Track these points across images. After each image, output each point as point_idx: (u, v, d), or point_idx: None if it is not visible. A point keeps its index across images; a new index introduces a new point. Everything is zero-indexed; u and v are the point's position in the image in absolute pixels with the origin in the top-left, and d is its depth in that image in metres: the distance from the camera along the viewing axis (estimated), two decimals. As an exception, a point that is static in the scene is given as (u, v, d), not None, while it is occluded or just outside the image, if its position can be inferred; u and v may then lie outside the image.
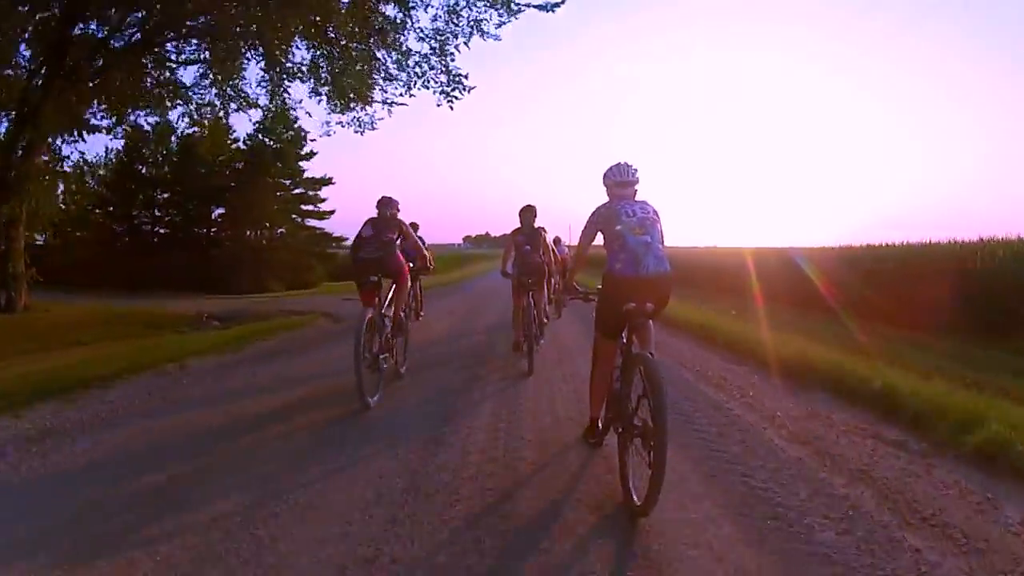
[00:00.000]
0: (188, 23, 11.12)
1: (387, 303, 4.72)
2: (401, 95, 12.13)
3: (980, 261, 10.06)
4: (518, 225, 6.26)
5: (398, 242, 4.69)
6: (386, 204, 4.70)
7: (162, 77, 12.55)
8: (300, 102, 14.86)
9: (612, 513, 2.61)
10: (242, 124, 45.74)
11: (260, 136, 32.48)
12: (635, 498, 2.60)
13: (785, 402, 4.35)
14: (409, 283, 5.05)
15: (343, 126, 12.83)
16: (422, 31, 11.62)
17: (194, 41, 11.79)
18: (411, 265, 5.22)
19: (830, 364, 5.01)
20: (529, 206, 6.22)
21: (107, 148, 32.21)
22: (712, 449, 3.38)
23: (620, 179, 3.12)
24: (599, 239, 3.14)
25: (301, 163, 35.06)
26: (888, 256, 12.70)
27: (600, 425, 3.22)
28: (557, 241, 10.57)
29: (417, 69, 11.69)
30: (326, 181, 36.00)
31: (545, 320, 7.34)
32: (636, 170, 3.14)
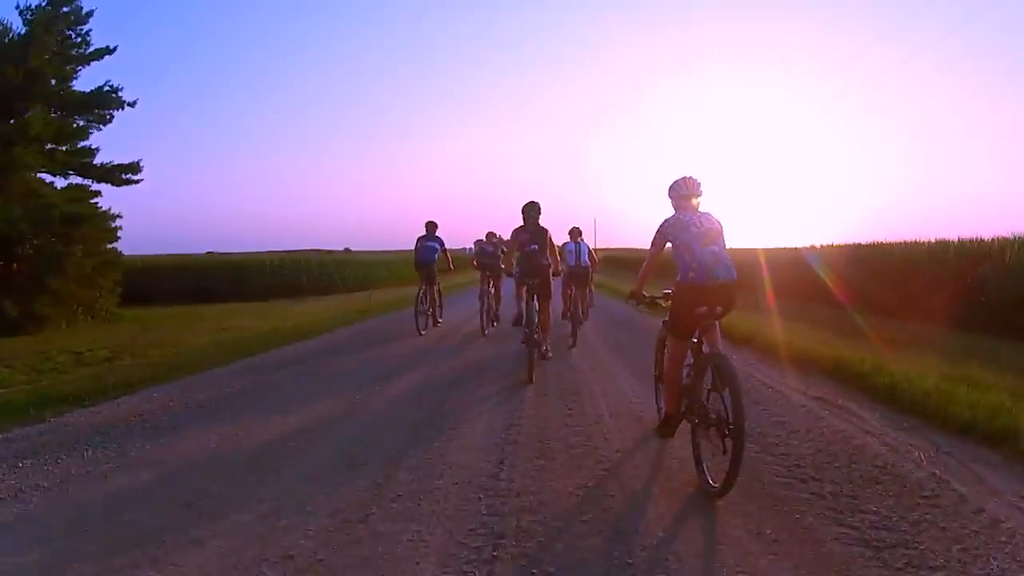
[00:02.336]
0: None
1: (429, 287, 8.81)
2: None
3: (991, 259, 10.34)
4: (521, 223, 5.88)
5: (439, 253, 8.86)
6: (432, 226, 8.91)
7: None
8: None
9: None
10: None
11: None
12: (711, 481, 2.90)
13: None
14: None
15: None
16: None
17: None
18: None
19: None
20: (533, 202, 5.80)
21: None
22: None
23: (686, 192, 3.35)
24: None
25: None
26: (898, 253, 13.34)
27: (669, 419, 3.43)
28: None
29: None
30: (112, 99, 16.47)
31: (582, 319, 7.51)
32: (700, 183, 3.37)
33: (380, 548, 2.42)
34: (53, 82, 16.29)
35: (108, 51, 17.13)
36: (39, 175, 16.32)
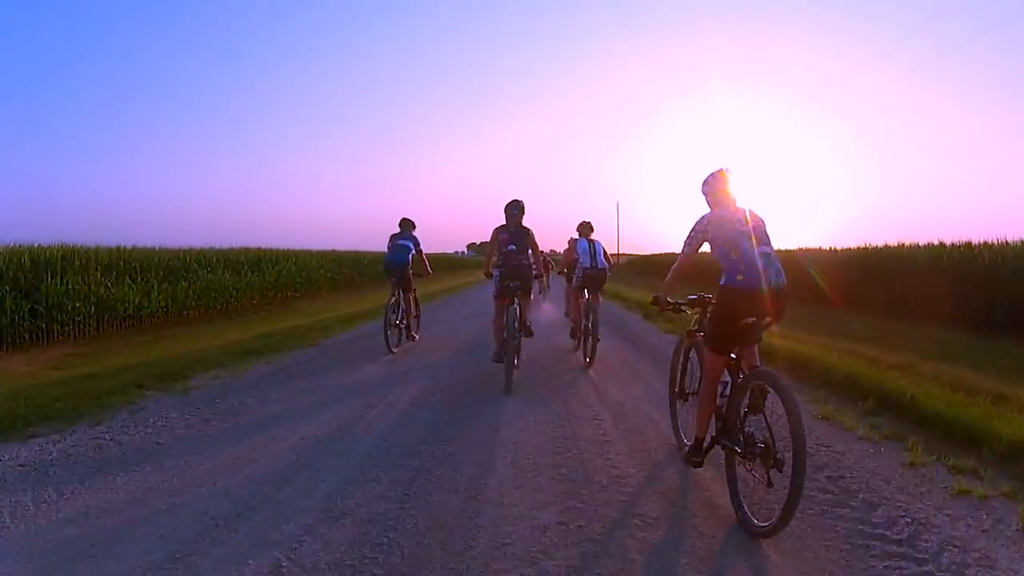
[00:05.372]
0: None
1: (404, 294, 7.51)
2: None
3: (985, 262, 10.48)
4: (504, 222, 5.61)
5: (413, 253, 7.54)
6: (407, 224, 7.67)
7: None
8: None
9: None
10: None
11: None
12: (752, 518, 2.48)
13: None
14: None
15: None
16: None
17: None
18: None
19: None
20: (516, 200, 5.62)
21: None
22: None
23: (723, 186, 2.93)
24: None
25: None
26: (895, 256, 13.30)
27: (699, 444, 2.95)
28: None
29: None
30: None
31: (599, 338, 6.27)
32: (734, 175, 2.95)
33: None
34: None
35: None
36: None
